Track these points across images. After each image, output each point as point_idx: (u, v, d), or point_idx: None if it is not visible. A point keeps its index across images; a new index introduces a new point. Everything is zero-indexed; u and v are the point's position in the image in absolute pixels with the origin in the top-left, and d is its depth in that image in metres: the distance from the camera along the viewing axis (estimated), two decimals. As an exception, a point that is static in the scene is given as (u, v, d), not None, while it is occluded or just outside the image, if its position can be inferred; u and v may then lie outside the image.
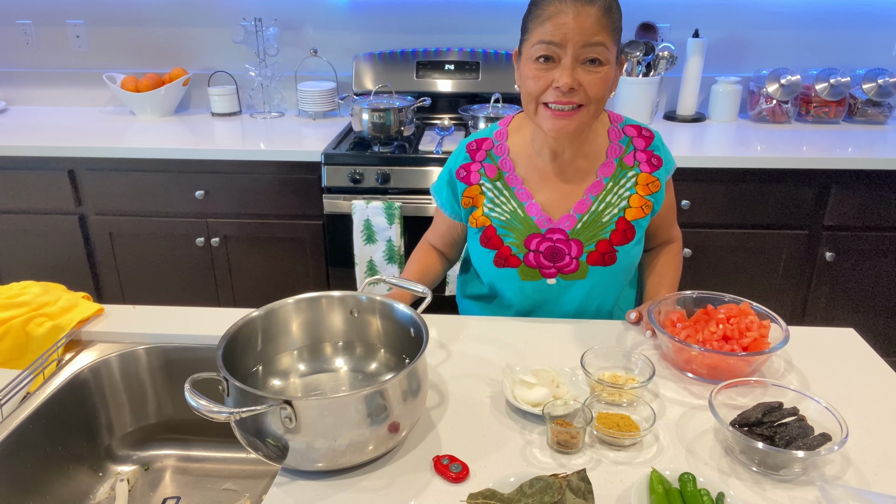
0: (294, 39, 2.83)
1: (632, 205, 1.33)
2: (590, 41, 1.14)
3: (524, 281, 1.35)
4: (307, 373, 1.16)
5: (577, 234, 1.32)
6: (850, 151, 2.26)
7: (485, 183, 1.36)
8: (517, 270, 1.35)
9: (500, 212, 1.35)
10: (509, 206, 1.34)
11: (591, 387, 1.10)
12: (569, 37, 1.14)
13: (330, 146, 2.35)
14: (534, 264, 1.34)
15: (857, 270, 2.36)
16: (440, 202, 1.44)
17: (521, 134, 1.37)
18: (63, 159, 2.38)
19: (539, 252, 1.33)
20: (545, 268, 1.34)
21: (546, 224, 1.33)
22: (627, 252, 1.34)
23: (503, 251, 1.34)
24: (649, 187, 1.33)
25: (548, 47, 1.16)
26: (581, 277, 1.34)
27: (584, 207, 1.33)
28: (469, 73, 2.70)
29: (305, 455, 0.90)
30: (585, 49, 1.15)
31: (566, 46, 1.15)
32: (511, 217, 1.34)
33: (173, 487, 1.23)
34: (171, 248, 2.49)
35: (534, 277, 1.35)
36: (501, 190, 1.35)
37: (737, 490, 0.91)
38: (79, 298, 1.35)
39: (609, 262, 1.33)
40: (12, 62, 2.96)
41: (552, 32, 1.15)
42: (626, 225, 1.32)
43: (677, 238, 1.52)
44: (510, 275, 1.36)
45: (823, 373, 1.18)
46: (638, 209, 1.33)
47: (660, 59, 2.56)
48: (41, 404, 1.11)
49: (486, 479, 0.93)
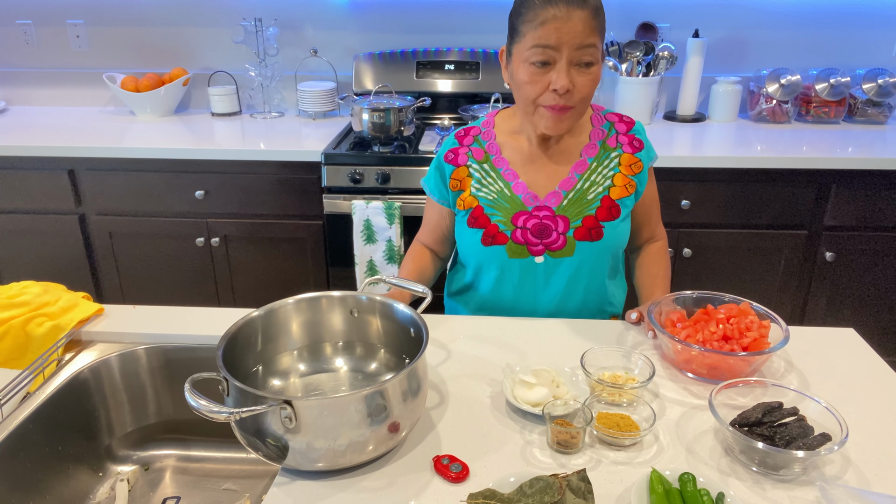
0: (294, 39, 2.83)
1: (616, 183, 1.37)
2: (583, 43, 1.19)
3: (511, 259, 1.37)
4: (307, 373, 1.16)
5: (563, 211, 1.35)
6: (850, 151, 2.26)
7: (472, 164, 1.40)
8: (504, 248, 1.36)
9: (488, 191, 1.38)
10: (496, 186, 1.37)
11: (591, 387, 1.10)
12: (564, 40, 1.19)
13: (330, 146, 2.35)
14: (521, 241, 1.36)
15: (857, 270, 2.36)
16: (429, 189, 1.47)
17: (508, 123, 1.42)
18: (63, 159, 2.38)
19: (526, 229, 1.35)
20: (532, 244, 1.36)
21: (532, 202, 1.36)
22: (614, 228, 1.36)
23: (490, 229, 1.36)
24: (632, 168, 1.38)
25: (544, 51, 1.20)
26: (569, 255, 1.36)
27: (570, 185, 1.36)
28: (469, 73, 2.70)
29: (305, 455, 0.90)
30: (579, 51, 1.20)
31: (561, 49, 1.19)
32: (498, 196, 1.37)
33: (173, 487, 1.23)
34: (171, 248, 2.49)
35: (521, 255, 1.36)
36: (488, 171, 1.39)
37: (737, 490, 0.91)
38: (79, 298, 1.35)
39: (596, 238, 1.35)
40: (12, 62, 2.96)
41: (547, 36, 1.19)
42: (610, 203, 1.36)
43: (662, 237, 1.54)
44: (497, 253, 1.37)
45: (823, 373, 1.18)
46: (622, 188, 1.37)
47: (660, 59, 2.56)
48: (41, 404, 1.11)
49: (486, 479, 0.93)
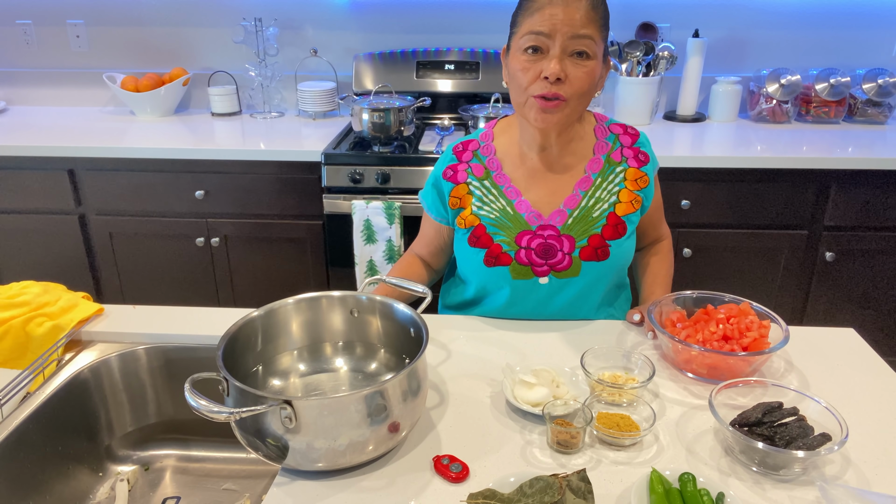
0: (294, 39, 2.83)
1: (621, 199, 1.33)
2: (578, 33, 1.16)
3: (515, 280, 1.33)
4: (307, 373, 1.16)
5: (568, 230, 1.31)
6: (850, 151, 2.26)
7: (472, 181, 1.36)
8: (508, 269, 1.32)
9: (490, 210, 1.34)
10: (498, 205, 1.34)
11: (591, 387, 1.10)
12: (557, 27, 1.16)
13: (330, 146, 2.35)
14: (525, 262, 1.32)
15: (857, 270, 2.36)
16: (426, 206, 1.43)
17: (507, 135, 1.37)
18: (63, 159, 2.38)
19: (531, 249, 1.32)
20: (537, 265, 1.32)
21: (536, 221, 1.32)
22: (620, 246, 1.32)
23: (493, 249, 1.32)
24: (638, 182, 1.34)
25: (537, 38, 1.17)
26: (574, 275, 1.32)
27: (574, 203, 1.32)
28: (469, 73, 2.70)
29: (305, 455, 0.90)
30: (574, 41, 1.17)
31: (555, 37, 1.16)
32: (500, 215, 1.33)
33: (173, 487, 1.23)
34: (171, 248, 2.49)
35: (525, 276, 1.32)
36: (489, 189, 1.35)
37: (737, 490, 0.91)
38: (79, 298, 1.35)
39: (602, 258, 1.31)
40: (12, 62, 2.96)
41: (541, 23, 1.16)
42: (616, 220, 1.32)
43: (666, 236, 1.52)
44: (501, 274, 1.33)
45: (823, 373, 1.18)
46: (628, 204, 1.33)
47: (660, 59, 2.56)
48: (41, 404, 1.11)
49: (486, 479, 0.93)
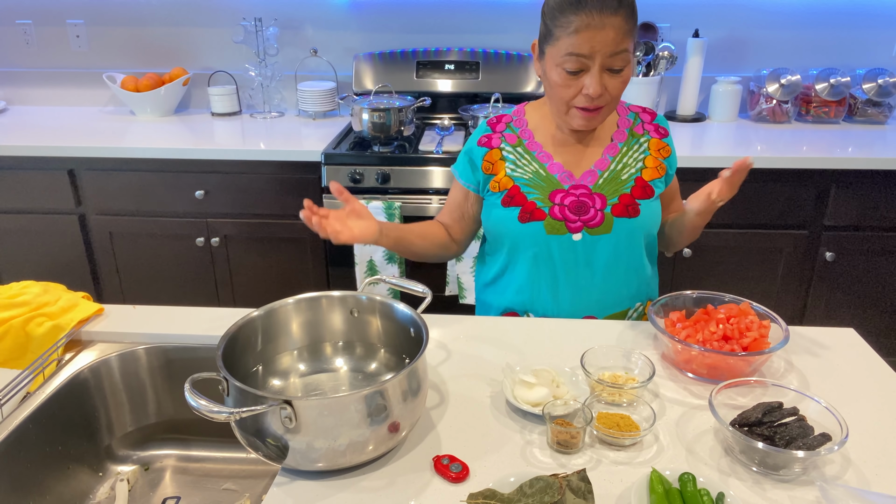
0: (294, 39, 2.83)
1: (647, 165, 1.41)
2: (615, 51, 1.23)
3: (550, 235, 1.37)
4: (307, 373, 1.16)
5: (599, 189, 1.37)
6: (850, 151, 2.26)
7: (505, 147, 1.42)
8: (542, 224, 1.37)
9: (523, 171, 1.40)
10: (531, 167, 1.40)
11: (591, 387, 1.10)
12: (597, 49, 1.22)
13: (330, 146, 2.35)
14: (560, 217, 1.37)
15: (857, 270, 2.35)
16: (458, 173, 1.48)
17: (539, 113, 1.45)
18: (63, 159, 2.38)
19: (564, 206, 1.37)
20: (571, 221, 1.37)
21: (568, 181, 1.38)
22: (649, 206, 1.38)
23: (528, 206, 1.37)
24: (661, 152, 1.43)
25: (577, 60, 1.24)
26: (607, 231, 1.37)
27: (605, 165, 1.39)
28: (469, 73, 2.70)
29: (305, 455, 0.90)
30: (612, 59, 1.24)
31: (594, 57, 1.23)
32: (534, 176, 1.39)
33: (173, 487, 1.23)
34: (171, 248, 2.48)
35: (559, 231, 1.37)
36: (522, 154, 1.41)
37: (737, 490, 0.91)
38: (79, 298, 1.35)
39: (633, 214, 1.37)
40: (12, 62, 2.96)
41: (580, 45, 1.22)
42: (644, 183, 1.39)
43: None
44: (535, 230, 1.37)
45: (823, 373, 1.18)
46: (654, 170, 1.41)
47: (660, 59, 2.56)
48: (41, 404, 1.11)
49: (486, 479, 0.93)
